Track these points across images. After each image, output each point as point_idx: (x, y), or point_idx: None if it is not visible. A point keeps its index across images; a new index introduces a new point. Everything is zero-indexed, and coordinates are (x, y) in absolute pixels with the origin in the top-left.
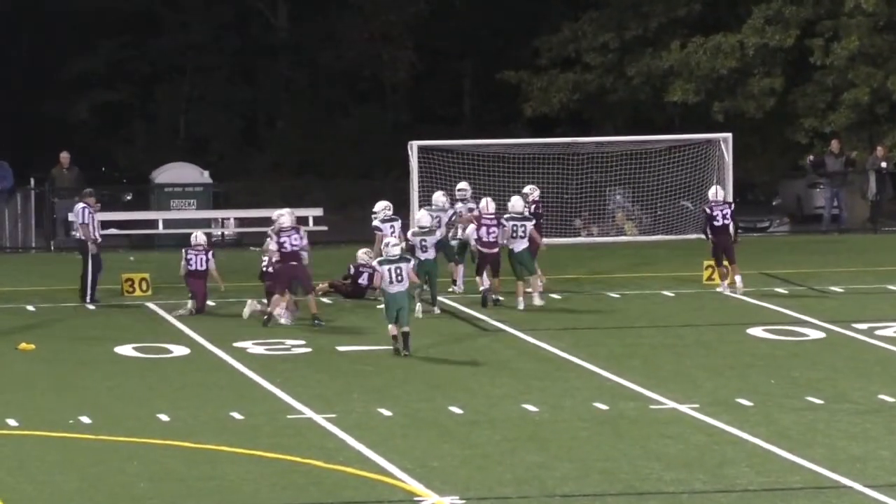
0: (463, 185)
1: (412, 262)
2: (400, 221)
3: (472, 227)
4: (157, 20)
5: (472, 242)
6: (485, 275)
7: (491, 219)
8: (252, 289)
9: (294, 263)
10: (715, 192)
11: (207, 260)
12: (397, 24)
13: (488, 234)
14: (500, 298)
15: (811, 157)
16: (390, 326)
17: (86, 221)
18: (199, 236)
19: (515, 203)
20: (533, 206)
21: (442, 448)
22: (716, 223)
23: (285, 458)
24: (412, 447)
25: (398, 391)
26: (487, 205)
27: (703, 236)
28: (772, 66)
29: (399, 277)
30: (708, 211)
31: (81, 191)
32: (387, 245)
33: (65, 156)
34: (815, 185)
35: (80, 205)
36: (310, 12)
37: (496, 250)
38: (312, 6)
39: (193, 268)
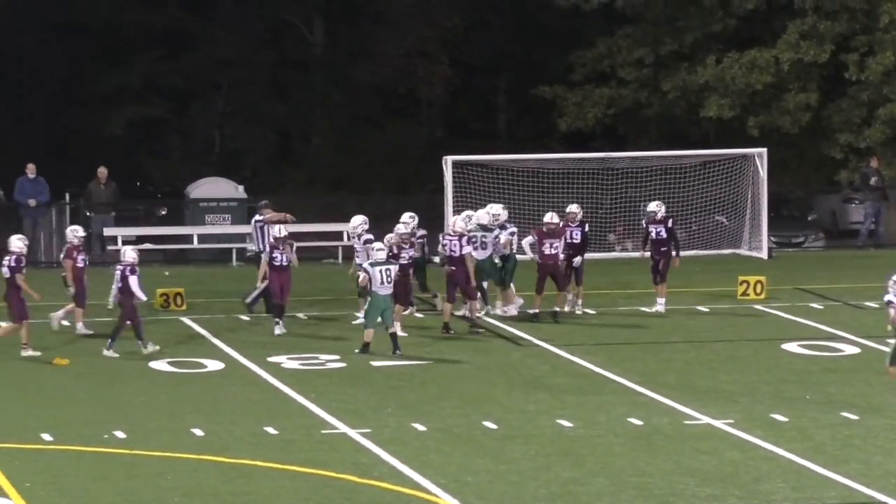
0: (497, 208)
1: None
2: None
3: (528, 238)
4: (192, 35)
5: (529, 253)
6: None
7: (552, 231)
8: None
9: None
10: (655, 206)
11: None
12: (433, 40)
13: (551, 247)
14: (559, 310)
15: (865, 170)
16: (369, 331)
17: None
18: (281, 230)
19: (481, 216)
20: (577, 227)
21: (476, 463)
22: (652, 238)
23: (320, 473)
24: (446, 462)
25: (432, 406)
26: (552, 218)
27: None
28: (807, 82)
29: (388, 279)
30: (645, 226)
31: (116, 206)
32: (374, 249)
33: (102, 171)
34: (850, 201)
35: (256, 216)
36: (345, 27)
37: (554, 262)
38: (347, 21)
39: (278, 263)
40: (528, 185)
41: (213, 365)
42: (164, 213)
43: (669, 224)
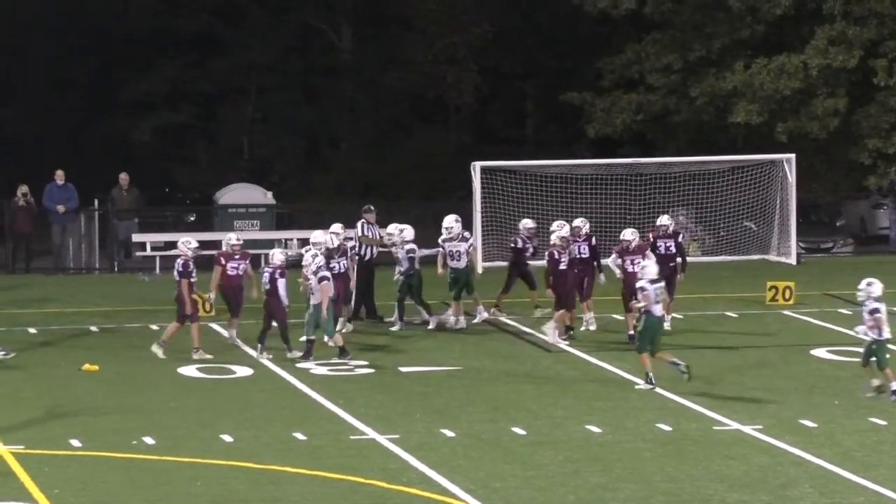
0: (450, 220)
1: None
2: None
3: (614, 257)
4: (220, 41)
5: (617, 271)
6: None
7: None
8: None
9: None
10: (662, 220)
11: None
12: (461, 46)
13: (633, 264)
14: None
15: (894, 177)
16: (338, 336)
17: (366, 234)
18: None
19: (453, 225)
20: (584, 242)
21: (505, 469)
22: (660, 252)
23: (348, 479)
24: (475, 468)
25: (461, 412)
26: (629, 234)
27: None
28: (835, 87)
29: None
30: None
31: (140, 212)
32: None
33: (124, 177)
34: (879, 206)
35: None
36: (373, 33)
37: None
38: (376, 27)
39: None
40: (557, 191)
41: (242, 371)
42: (192, 219)
43: (680, 239)
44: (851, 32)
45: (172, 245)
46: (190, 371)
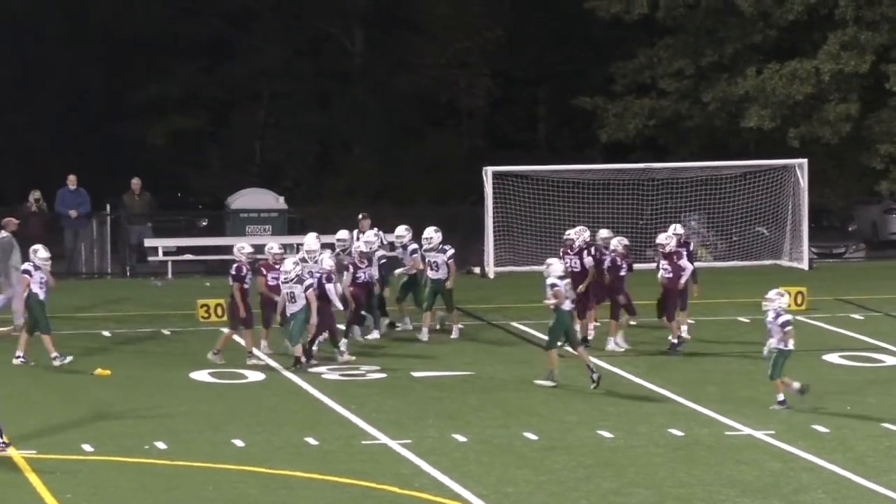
0: (401, 229)
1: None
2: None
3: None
4: (233, 46)
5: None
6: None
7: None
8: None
9: None
10: (674, 230)
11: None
12: (473, 51)
13: (662, 269)
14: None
15: None
16: (299, 346)
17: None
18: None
19: (433, 235)
20: (576, 256)
21: (516, 474)
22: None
23: (360, 484)
24: (487, 473)
25: (473, 417)
26: (666, 238)
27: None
28: (847, 92)
29: (293, 299)
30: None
31: (152, 216)
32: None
33: (135, 182)
34: (891, 211)
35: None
36: (385, 38)
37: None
38: (388, 32)
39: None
40: (569, 195)
41: (254, 376)
42: (204, 223)
43: (691, 248)
44: (863, 37)
45: (184, 250)
46: (202, 376)
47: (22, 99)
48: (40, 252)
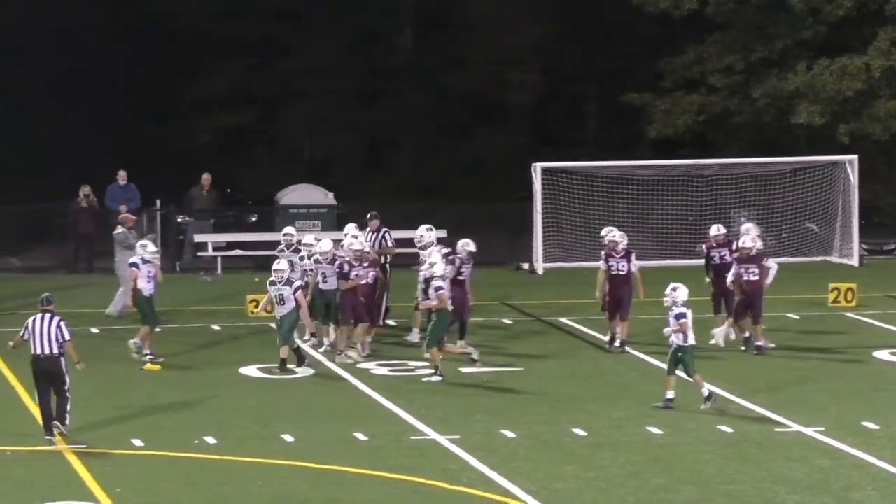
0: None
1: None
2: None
3: (733, 269)
4: (281, 43)
5: (733, 282)
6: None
7: (748, 257)
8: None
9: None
10: (717, 230)
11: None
12: (522, 48)
13: (747, 272)
14: (768, 344)
15: None
16: (286, 348)
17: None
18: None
19: (323, 245)
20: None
21: (565, 470)
22: (714, 263)
23: (409, 480)
24: (535, 469)
25: (521, 413)
26: (745, 242)
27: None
28: None
29: (281, 301)
30: (705, 250)
31: (215, 212)
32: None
33: (206, 177)
34: None
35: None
36: (434, 35)
37: (756, 290)
38: (437, 29)
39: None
40: (617, 192)
41: (303, 371)
42: (254, 219)
43: (734, 246)
44: None
45: (234, 246)
46: (251, 371)
47: (71, 95)
48: (149, 246)
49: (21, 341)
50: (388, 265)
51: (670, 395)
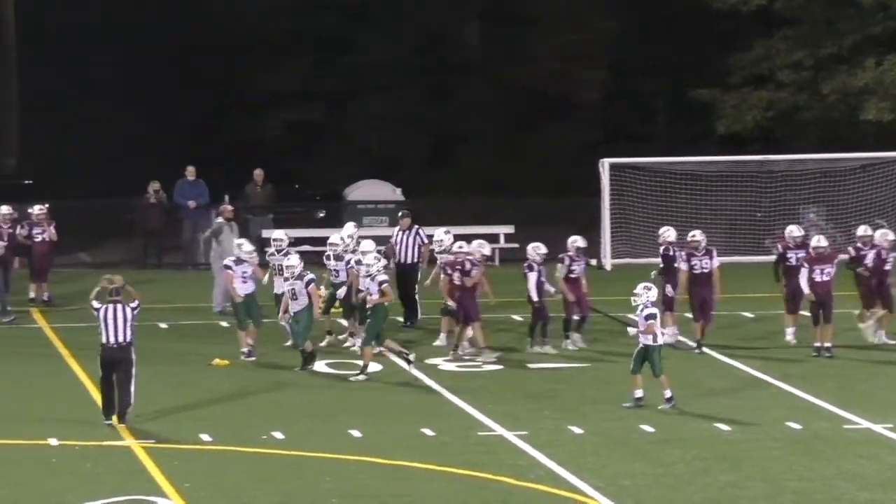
0: (279, 234)
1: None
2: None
3: (803, 272)
4: (350, 40)
5: (806, 288)
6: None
7: (822, 256)
8: None
9: None
10: (797, 230)
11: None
12: (589, 43)
13: (822, 273)
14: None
15: None
16: (309, 343)
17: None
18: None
19: (443, 238)
20: (662, 249)
21: (633, 467)
22: (790, 263)
23: (477, 475)
24: (603, 465)
25: (588, 409)
26: (819, 241)
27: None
28: None
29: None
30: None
31: (273, 207)
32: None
33: (258, 173)
34: None
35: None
36: (501, 30)
37: (826, 290)
38: (504, 24)
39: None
40: (685, 187)
41: (371, 366)
42: (322, 214)
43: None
44: None
45: (301, 241)
46: (318, 366)
47: (139, 91)
48: (245, 245)
49: None
50: (420, 263)
51: (639, 393)
